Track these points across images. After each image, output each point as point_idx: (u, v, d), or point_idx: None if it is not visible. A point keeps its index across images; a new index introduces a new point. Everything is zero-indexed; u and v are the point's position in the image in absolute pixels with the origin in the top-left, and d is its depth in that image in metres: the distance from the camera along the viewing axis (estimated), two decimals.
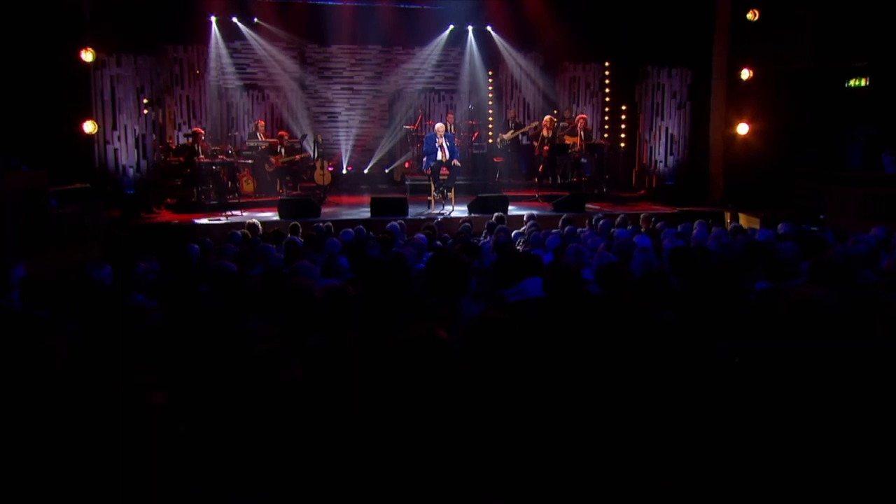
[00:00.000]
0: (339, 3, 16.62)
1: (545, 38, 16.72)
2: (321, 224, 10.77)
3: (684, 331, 3.55)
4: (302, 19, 16.80)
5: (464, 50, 17.95)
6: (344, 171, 17.84)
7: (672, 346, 3.27)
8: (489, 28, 17.58)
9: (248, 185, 14.94)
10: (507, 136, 16.73)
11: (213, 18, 16.28)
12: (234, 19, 16.53)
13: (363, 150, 18.17)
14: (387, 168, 17.75)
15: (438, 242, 9.38)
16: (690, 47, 14.82)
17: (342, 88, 18.05)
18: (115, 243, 9.97)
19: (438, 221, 11.14)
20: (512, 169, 17.08)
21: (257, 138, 15.81)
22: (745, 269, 5.38)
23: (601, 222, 10.07)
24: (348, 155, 17.99)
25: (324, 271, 6.79)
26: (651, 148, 15.63)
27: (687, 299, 4.21)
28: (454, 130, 16.49)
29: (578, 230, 9.75)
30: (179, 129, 15.73)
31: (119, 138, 12.95)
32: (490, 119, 18.41)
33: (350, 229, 9.76)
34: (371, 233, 10.05)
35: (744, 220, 12.63)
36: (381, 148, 17.88)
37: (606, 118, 17.64)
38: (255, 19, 16.67)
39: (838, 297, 3.29)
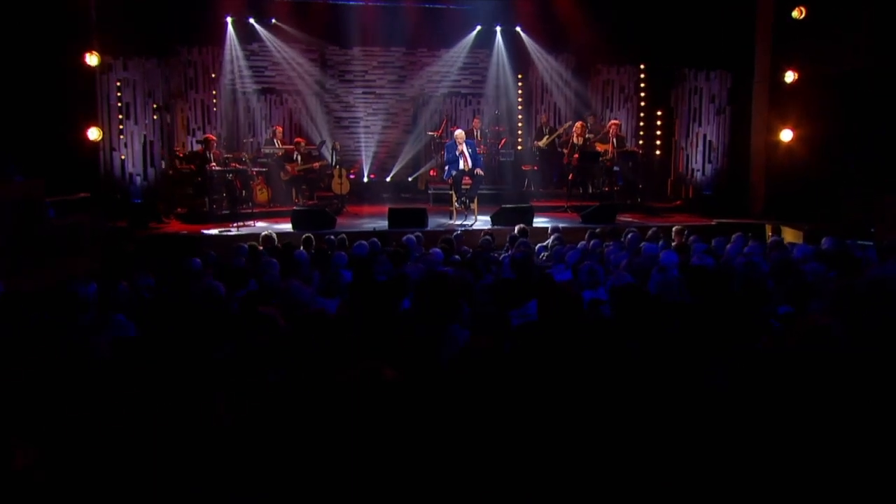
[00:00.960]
0: (360, 3, 16.68)
1: (577, 39, 16.58)
2: (332, 237, 10.75)
3: (680, 361, 3.43)
4: (322, 20, 16.88)
5: (491, 52, 17.93)
6: (365, 180, 17.86)
7: (657, 377, 3.18)
8: (518, 29, 17.57)
9: (262, 195, 14.99)
10: (543, 142, 16.60)
11: (228, 19, 16.43)
12: (251, 20, 16.67)
13: (386, 158, 18.18)
14: (410, 176, 17.73)
15: (457, 257, 9.29)
16: (730, 48, 14.57)
17: (364, 92, 18.11)
18: (116, 256, 10.01)
19: (457, 234, 11.04)
20: (542, 177, 16.94)
21: (274, 145, 15.84)
22: (769, 291, 5.23)
23: (630, 236, 9.89)
24: (370, 162, 18.01)
25: (323, 289, 6.76)
26: (687, 156, 15.41)
27: (699, 325, 4.09)
28: (480, 137, 16.42)
29: (605, 244, 9.60)
30: (193, 135, 15.86)
31: (126, 145, 13.04)
32: (519, 125, 18.32)
33: (364, 242, 9.70)
34: (388, 246, 9.96)
35: (787, 233, 12.36)
36: (404, 155, 17.89)
37: (641, 124, 17.46)
38: (273, 20, 16.79)
39: (849, 327, 3.17)
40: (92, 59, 12.02)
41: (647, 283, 5.93)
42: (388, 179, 17.91)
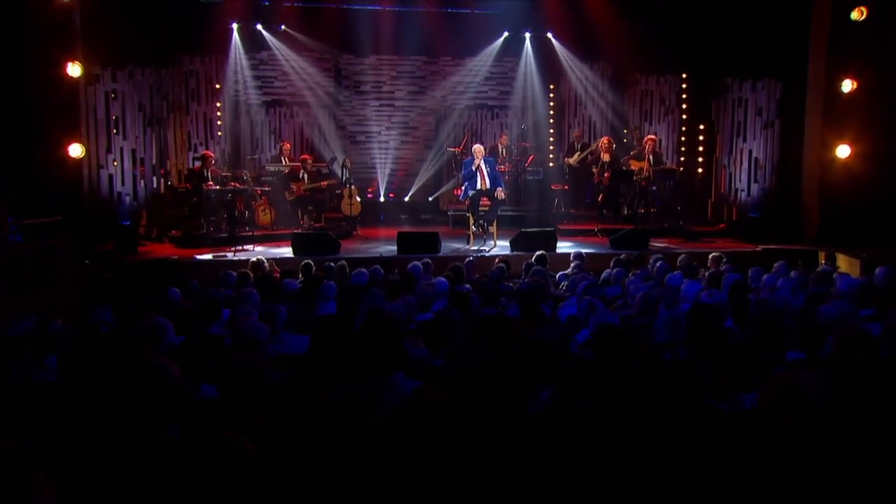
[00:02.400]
0: (377, 9, 16.67)
1: (613, 45, 16.33)
2: (332, 263, 10.66)
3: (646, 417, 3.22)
4: (335, 27, 16.82)
5: (520, 60, 17.78)
6: (382, 199, 17.79)
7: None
8: (549, 35, 17.38)
9: (265, 216, 14.91)
10: (574, 160, 16.37)
11: (234, 26, 16.43)
12: (259, 27, 16.67)
13: (405, 175, 18.10)
14: (430, 196, 17.61)
15: (467, 286, 9.10)
16: (780, 54, 14.25)
17: (380, 105, 18.07)
18: (92, 284, 9.93)
19: (469, 261, 10.89)
20: (574, 198, 16.70)
21: (281, 162, 15.84)
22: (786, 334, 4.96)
23: (658, 264, 9.66)
24: (386, 181, 17.92)
25: (295, 324, 6.60)
26: (730, 174, 15.05)
27: (681, 377, 3.86)
28: (505, 154, 16.28)
29: (631, 273, 9.38)
30: (195, 151, 15.89)
31: (114, 162, 13.01)
32: (550, 140, 18.10)
33: (364, 270, 9.59)
34: (394, 273, 9.81)
35: (843, 261, 11.98)
36: (423, 173, 17.78)
37: (683, 139, 17.16)
38: (283, 27, 16.77)
39: (845, 383, 2.94)
40: (74, 70, 11.88)
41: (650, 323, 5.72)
42: (406, 199, 17.82)
